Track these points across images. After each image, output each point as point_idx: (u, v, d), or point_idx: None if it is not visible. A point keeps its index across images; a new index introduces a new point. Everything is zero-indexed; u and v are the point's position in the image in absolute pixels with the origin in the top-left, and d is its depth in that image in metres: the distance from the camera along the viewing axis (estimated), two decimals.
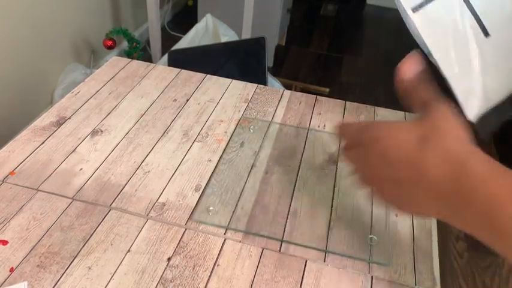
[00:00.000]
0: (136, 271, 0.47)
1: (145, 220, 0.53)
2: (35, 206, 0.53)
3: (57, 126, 0.66)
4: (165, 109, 0.72)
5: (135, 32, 2.33)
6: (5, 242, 0.49)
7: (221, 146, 0.65)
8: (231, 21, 1.70)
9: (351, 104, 0.76)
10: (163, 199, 0.56)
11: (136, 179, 0.58)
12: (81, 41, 1.88)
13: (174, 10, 2.74)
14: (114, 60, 0.83)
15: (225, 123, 0.70)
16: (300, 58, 2.50)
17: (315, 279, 0.48)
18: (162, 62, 1.45)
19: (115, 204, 0.54)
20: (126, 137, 0.65)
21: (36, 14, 1.58)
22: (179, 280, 0.46)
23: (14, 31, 1.49)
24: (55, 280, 0.45)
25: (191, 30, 1.58)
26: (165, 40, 2.17)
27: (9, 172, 0.58)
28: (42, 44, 1.64)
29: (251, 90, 0.78)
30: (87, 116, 0.69)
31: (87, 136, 0.65)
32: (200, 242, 0.51)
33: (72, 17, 1.79)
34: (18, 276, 0.45)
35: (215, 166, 0.61)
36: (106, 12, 2.04)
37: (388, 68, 2.69)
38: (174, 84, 0.78)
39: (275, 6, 2.17)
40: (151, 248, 0.49)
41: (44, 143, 0.63)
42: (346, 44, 2.72)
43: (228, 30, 1.56)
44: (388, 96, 2.23)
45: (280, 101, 0.76)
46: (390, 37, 2.86)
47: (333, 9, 3.15)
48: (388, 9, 3.23)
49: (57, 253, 0.48)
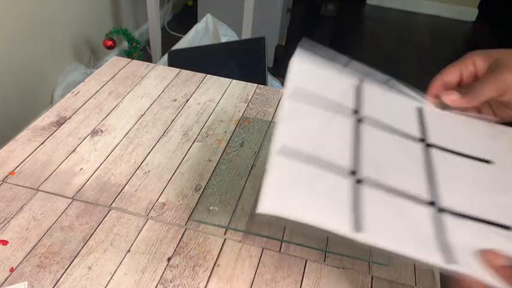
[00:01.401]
0: (136, 271, 0.47)
1: (145, 220, 0.53)
2: (35, 206, 0.53)
3: (57, 126, 0.66)
4: (165, 109, 0.72)
5: (135, 32, 2.33)
6: (5, 242, 0.49)
7: (221, 146, 0.65)
8: (231, 21, 1.70)
9: None
10: (163, 199, 0.56)
11: (136, 179, 0.58)
12: (81, 41, 1.88)
13: (174, 10, 2.74)
14: (114, 60, 0.83)
15: (225, 123, 0.70)
16: None
17: (315, 279, 0.48)
18: (162, 62, 1.45)
19: (115, 204, 0.54)
20: (126, 137, 0.65)
21: (36, 14, 1.58)
22: (179, 280, 0.46)
23: (14, 31, 1.49)
24: (55, 280, 0.45)
25: (191, 30, 1.58)
26: (165, 40, 2.17)
27: (9, 172, 0.58)
28: (42, 44, 1.64)
29: (251, 90, 0.78)
30: (87, 116, 0.69)
31: (87, 136, 0.65)
32: (200, 242, 0.51)
33: (72, 17, 1.79)
34: (18, 276, 0.45)
35: (215, 166, 0.61)
36: (106, 12, 2.04)
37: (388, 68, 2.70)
38: (174, 84, 0.78)
39: (275, 6, 2.17)
40: (151, 248, 0.49)
41: (44, 143, 0.63)
42: (346, 44, 2.72)
43: (228, 30, 1.56)
44: None
45: (280, 101, 0.76)
46: (390, 37, 2.86)
47: (333, 9, 3.15)
48: (388, 9, 3.23)
49: (57, 253, 0.48)
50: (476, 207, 0.40)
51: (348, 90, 0.48)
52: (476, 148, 0.45)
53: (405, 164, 0.42)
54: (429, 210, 0.39)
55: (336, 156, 0.41)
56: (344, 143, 0.42)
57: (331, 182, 0.38)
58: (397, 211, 0.38)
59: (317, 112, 0.44)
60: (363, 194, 0.38)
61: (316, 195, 0.37)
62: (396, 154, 0.43)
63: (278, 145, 0.40)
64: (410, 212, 0.38)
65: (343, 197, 0.38)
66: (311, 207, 0.36)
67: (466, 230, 0.38)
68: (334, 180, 0.39)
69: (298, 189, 0.37)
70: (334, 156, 0.41)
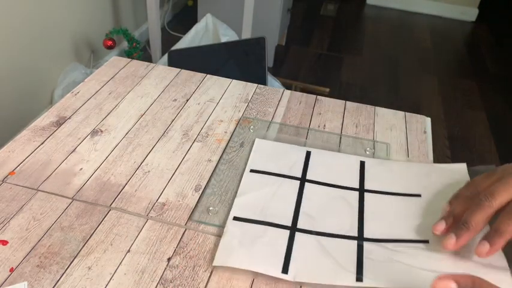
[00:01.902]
0: (136, 271, 0.47)
1: (145, 220, 0.53)
2: (35, 206, 0.53)
3: (57, 126, 0.66)
4: (165, 109, 0.72)
5: (135, 32, 2.33)
6: (5, 242, 0.49)
7: (221, 146, 0.65)
8: (231, 21, 1.70)
9: (351, 104, 0.76)
10: (163, 199, 0.56)
11: (136, 179, 0.58)
12: (81, 41, 1.88)
13: (174, 10, 2.74)
14: (114, 60, 0.83)
15: (225, 123, 0.70)
16: (300, 58, 2.51)
17: None
18: (162, 62, 1.45)
19: (115, 204, 0.54)
20: (126, 137, 0.65)
21: (36, 14, 1.58)
22: (179, 280, 0.46)
23: (14, 31, 1.49)
24: (55, 280, 0.45)
25: (191, 30, 1.58)
26: (165, 40, 2.17)
27: (9, 172, 0.58)
28: (42, 44, 1.64)
29: (251, 90, 0.78)
30: (87, 116, 0.69)
31: (87, 136, 0.65)
32: (200, 242, 0.50)
33: (72, 17, 1.79)
34: (18, 276, 0.45)
35: (215, 166, 0.61)
36: (106, 12, 2.04)
37: (388, 68, 2.70)
38: (174, 84, 0.78)
39: (275, 6, 2.17)
40: (151, 248, 0.49)
41: (44, 143, 0.63)
42: (346, 44, 2.72)
43: (228, 30, 1.56)
44: (388, 96, 2.23)
45: (280, 101, 0.76)
46: (390, 37, 2.86)
47: (333, 9, 3.15)
48: (388, 9, 3.23)
49: (57, 253, 0.48)
50: (396, 231, 0.50)
51: (299, 157, 0.62)
52: (411, 185, 0.57)
53: (341, 210, 0.54)
54: (352, 242, 0.49)
55: (279, 215, 0.52)
56: (287, 203, 0.54)
57: (272, 236, 0.50)
58: (322, 249, 0.48)
59: (270, 180, 0.58)
60: (295, 241, 0.49)
61: (258, 247, 0.48)
62: (333, 204, 0.55)
63: (232, 214, 0.52)
64: (335, 246, 0.49)
65: (280, 246, 0.49)
66: (251, 258, 0.47)
67: (380, 250, 0.48)
68: (275, 234, 0.50)
69: (243, 246, 0.48)
70: (278, 215, 0.52)
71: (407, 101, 2.17)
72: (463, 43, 2.89)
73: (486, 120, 2.12)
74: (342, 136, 0.69)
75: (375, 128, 0.71)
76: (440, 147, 1.90)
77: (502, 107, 2.25)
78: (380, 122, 0.72)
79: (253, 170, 0.59)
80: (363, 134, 0.70)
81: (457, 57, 2.68)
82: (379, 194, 0.56)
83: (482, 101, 2.26)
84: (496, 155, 1.89)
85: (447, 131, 2.02)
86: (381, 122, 0.72)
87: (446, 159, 1.84)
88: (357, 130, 0.70)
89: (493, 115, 2.16)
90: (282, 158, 0.61)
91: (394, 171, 0.60)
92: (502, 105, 2.26)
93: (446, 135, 1.99)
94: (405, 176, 0.59)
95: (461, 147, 1.93)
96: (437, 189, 0.56)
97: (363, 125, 0.72)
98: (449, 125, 2.06)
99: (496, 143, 1.97)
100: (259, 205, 0.54)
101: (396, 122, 0.72)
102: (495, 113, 2.19)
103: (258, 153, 0.62)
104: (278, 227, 0.51)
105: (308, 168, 0.60)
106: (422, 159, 0.64)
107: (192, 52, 1.31)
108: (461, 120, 2.11)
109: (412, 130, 0.71)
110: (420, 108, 2.13)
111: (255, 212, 0.53)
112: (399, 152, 0.66)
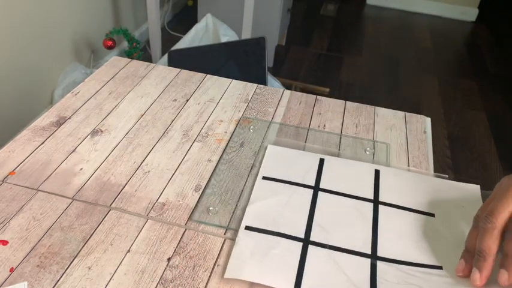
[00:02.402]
0: (136, 271, 0.47)
1: (145, 220, 0.53)
2: (35, 206, 0.53)
3: (57, 126, 0.66)
4: (165, 109, 0.72)
5: (135, 32, 2.33)
6: (5, 242, 0.49)
7: (221, 146, 0.65)
8: (231, 21, 1.70)
9: (351, 104, 0.76)
10: (163, 199, 0.56)
11: (136, 179, 0.58)
12: (81, 41, 1.88)
13: (174, 10, 2.74)
14: (114, 60, 0.83)
15: (225, 123, 0.70)
16: (300, 58, 2.50)
17: None
18: (162, 62, 1.45)
19: (115, 204, 0.54)
20: (126, 137, 0.65)
21: (36, 14, 1.58)
22: (179, 280, 0.46)
23: (14, 31, 1.49)
24: (55, 280, 0.45)
25: (191, 30, 1.58)
26: (165, 40, 2.17)
27: (9, 172, 0.58)
28: (42, 44, 1.64)
29: (251, 90, 0.78)
30: (87, 116, 0.69)
31: (87, 136, 0.65)
32: (200, 242, 0.51)
33: (72, 17, 1.79)
34: (18, 276, 0.45)
35: (215, 166, 0.61)
36: (106, 12, 2.04)
37: (388, 68, 2.70)
38: (174, 84, 0.78)
39: (275, 6, 2.17)
40: (151, 248, 0.49)
41: (44, 143, 0.63)
42: (346, 44, 2.72)
43: (228, 30, 1.56)
44: (388, 96, 2.23)
45: (280, 101, 0.76)
46: (390, 37, 2.86)
47: (333, 9, 3.15)
48: (388, 9, 3.23)
49: (57, 253, 0.48)
50: (410, 253, 0.50)
51: (312, 165, 0.61)
52: (425, 202, 0.56)
53: (355, 222, 0.53)
54: (366, 260, 0.49)
55: (292, 225, 0.52)
56: (301, 213, 0.53)
57: (284, 248, 0.49)
58: (335, 265, 0.48)
59: (283, 188, 0.57)
60: (308, 254, 0.49)
61: (270, 259, 0.48)
62: (347, 215, 0.54)
63: (244, 223, 0.52)
64: (348, 263, 0.48)
65: (293, 259, 0.48)
66: (263, 271, 0.46)
67: (395, 272, 0.48)
68: (288, 246, 0.49)
69: (256, 257, 0.48)
70: (290, 226, 0.52)
71: (407, 101, 2.17)
72: (463, 43, 2.89)
73: (486, 120, 2.12)
74: (342, 136, 0.69)
75: (375, 128, 0.71)
76: (440, 147, 1.90)
77: (502, 107, 2.25)
78: (380, 122, 0.72)
79: (265, 177, 0.59)
80: (363, 134, 0.70)
81: (457, 57, 2.68)
82: (393, 207, 0.55)
83: (482, 101, 2.26)
84: (496, 155, 1.89)
85: (447, 131, 2.02)
86: (381, 122, 0.72)
87: (446, 159, 1.84)
88: (357, 130, 0.70)
89: (493, 115, 2.16)
90: (295, 165, 0.61)
91: (408, 184, 0.59)
92: (502, 105, 2.26)
93: (446, 135, 1.99)
94: (420, 190, 0.58)
95: (461, 147, 1.93)
96: (450, 211, 0.55)
97: (363, 125, 0.72)
98: (449, 125, 2.05)
99: (496, 143, 1.97)
100: (272, 214, 0.53)
101: (396, 122, 0.72)
102: (495, 113, 2.19)
103: (271, 160, 0.62)
104: (291, 238, 0.50)
105: (321, 176, 0.59)
106: (422, 159, 0.65)
107: (192, 52, 1.32)
108: (461, 120, 2.11)
109: (412, 130, 0.71)
110: (420, 108, 2.13)
111: (267, 221, 0.52)
112: (399, 152, 0.66)
